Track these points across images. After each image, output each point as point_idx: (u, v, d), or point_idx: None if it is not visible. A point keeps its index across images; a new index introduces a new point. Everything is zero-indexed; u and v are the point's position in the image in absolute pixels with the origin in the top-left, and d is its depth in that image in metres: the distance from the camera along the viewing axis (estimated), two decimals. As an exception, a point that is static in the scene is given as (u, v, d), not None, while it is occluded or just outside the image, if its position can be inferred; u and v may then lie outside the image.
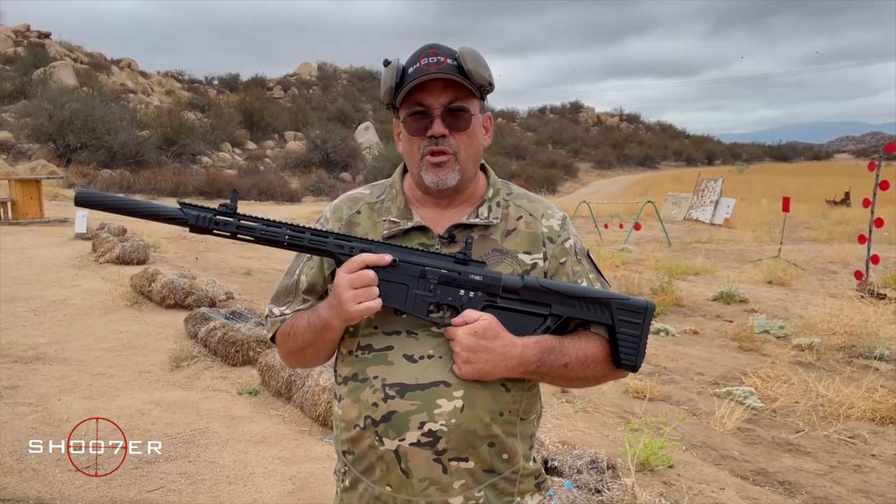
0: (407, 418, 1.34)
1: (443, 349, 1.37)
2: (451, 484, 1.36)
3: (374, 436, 1.37)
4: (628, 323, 1.40)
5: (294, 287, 1.52)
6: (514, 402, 1.41)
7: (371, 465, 1.40)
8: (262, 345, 5.49)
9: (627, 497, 3.23)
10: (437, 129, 1.37)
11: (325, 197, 28.55)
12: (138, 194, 24.10)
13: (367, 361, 1.40)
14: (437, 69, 1.35)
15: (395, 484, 1.37)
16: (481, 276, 1.36)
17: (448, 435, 1.34)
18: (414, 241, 1.44)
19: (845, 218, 20.50)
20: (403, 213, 1.47)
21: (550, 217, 1.50)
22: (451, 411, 1.34)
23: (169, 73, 58.68)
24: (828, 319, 7.15)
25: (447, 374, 1.35)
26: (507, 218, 1.48)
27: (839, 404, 5.02)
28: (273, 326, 1.53)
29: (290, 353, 1.52)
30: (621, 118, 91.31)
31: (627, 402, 5.12)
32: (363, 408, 1.38)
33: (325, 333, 1.39)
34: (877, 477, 4.03)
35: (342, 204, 1.55)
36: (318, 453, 3.95)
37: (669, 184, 36.47)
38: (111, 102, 32.28)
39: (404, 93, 1.37)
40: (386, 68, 1.40)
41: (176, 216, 1.32)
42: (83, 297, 7.79)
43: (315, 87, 65.21)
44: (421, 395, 1.34)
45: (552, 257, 1.46)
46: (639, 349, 1.41)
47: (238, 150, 39.89)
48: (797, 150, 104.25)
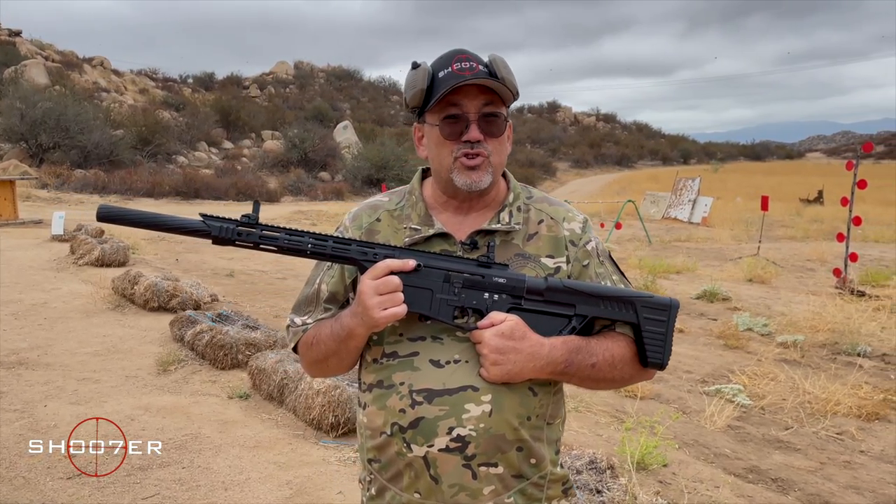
0: (435, 424, 1.33)
1: (469, 353, 1.36)
2: (481, 490, 1.35)
3: (401, 442, 1.36)
4: (654, 321, 1.40)
5: (315, 296, 1.50)
6: (542, 405, 1.41)
7: (399, 473, 1.39)
8: (252, 348, 5.43)
9: (628, 497, 3.24)
10: (474, 135, 1.37)
11: (304, 196, 28.34)
12: (113, 195, 23.73)
13: (392, 368, 1.39)
14: (472, 75, 1.34)
15: (425, 491, 1.36)
16: (505, 278, 1.37)
17: (477, 440, 1.33)
18: (436, 247, 1.43)
19: (819, 216, 20.83)
20: (424, 219, 1.46)
21: (572, 220, 1.50)
22: (480, 416, 1.33)
23: (142, 71, 57.92)
24: (811, 317, 7.26)
25: (475, 379, 1.34)
26: (528, 222, 1.47)
27: (826, 401, 5.09)
28: (295, 336, 1.52)
29: (313, 363, 1.50)
30: (598, 118, 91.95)
31: (619, 400, 5.15)
32: (390, 415, 1.37)
33: (350, 342, 1.38)
34: (867, 473, 4.09)
35: (362, 212, 1.54)
36: (313, 457, 3.91)
37: (646, 183, 36.77)
38: (84, 101, 31.73)
39: (441, 95, 1.35)
40: (415, 71, 1.39)
41: (199, 228, 1.32)
42: (64, 300, 7.65)
43: (292, 85, 64.80)
44: (449, 400, 1.33)
45: (575, 260, 1.46)
46: (665, 347, 1.41)
47: (214, 149, 39.46)
48: (770, 150, 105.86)
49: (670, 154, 77.62)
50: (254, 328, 5.94)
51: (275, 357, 4.92)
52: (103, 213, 1.31)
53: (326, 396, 4.24)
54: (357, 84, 71.00)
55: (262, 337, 5.59)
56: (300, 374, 4.59)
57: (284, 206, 24.45)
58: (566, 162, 60.84)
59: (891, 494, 3.82)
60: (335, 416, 4.17)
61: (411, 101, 1.41)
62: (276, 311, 7.72)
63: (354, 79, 72.39)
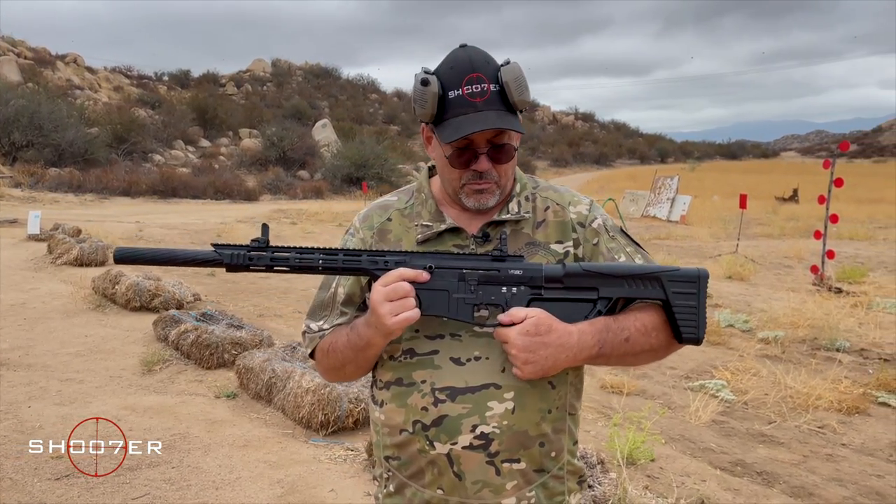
0: (459, 422, 1.34)
1: (489, 350, 1.36)
2: (504, 485, 1.36)
3: (424, 440, 1.36)
4: (683, 294, 1.33)
5: (331, 300, 1.49)
6: (560, 397, 1.41)
7: (420, 470, 1.39)
8: (238, 347, 5.41)
9: (619, 491, 3.28)
10: (482, 167, 1.36)
11: (283, 195, 28.16)
12: (89, 194, 23.43)
13: (411, 366, 1.39)
14: (483, 102, 1.32)
15: (448, 487, 1.37)
16: (521, 269, 1.33)
17: (500, 437, 1.34)
18: (448, 242, 1.43)
19: (795, 214, 21.13)
20: (435, 216, 1.46)
21: (578, 203, 1.49)
22: (503, 413, 1.34)
23: (117, 68, 57.14)
24: (790, 313, 7.37)
25: (496, 376, 1.35)
26: (535, 210, 1.47)
27: (807, 396, 5.18)
28: (312, 342, 1.50)
29: (330, 369, 1.49)
30: (577, 117, 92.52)
31: (605, 397, 5.20)
32: (411, 412, 1.38)
33: (367, 351, 1.38)
34: (849, 465, 4.18)
35: (372, 213, 1.53)
36: (304, 456, 3.90)
37: (624, 181, 37.09)
38: (58, 99, 31.24)
39: (453, 140, 1.32)
40: (424, 88, 1.34)
41: (211, 258, 1.33)
42: (43, 300, 7.55)
43: (269, 83, 64.39)
44: (472, 398, 1.34)
45: (585, 241, 1.45)
46: (699, 320, 1.34)
47: (191, 147, 39.10)
48: (746, 149, 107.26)
49: (648, 153, 78.36)
50: (239, 327, 5.90)
51: (262, 356, 4.90)
52: (121, 255, 1.33)
53: (316, 395, 4.23)
54: (335, 82, 70.69)
55: (248, 336, 5.56)
56: (288, 372, 4.58)
57: (263, 205, 24.29)
58: (545, 161, 61.14)
59: (872, 486, 3.90)
60: (325, 414, 4.16)
61: (420, 117, 1.39)
62: (259, 310, 7.68)
63: (333, 77, 72.05)
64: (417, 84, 1.35)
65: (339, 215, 19.70)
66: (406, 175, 32.96)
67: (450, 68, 1.35)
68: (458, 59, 1.35)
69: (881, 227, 17.91)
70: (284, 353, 5.06)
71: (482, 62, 1.34)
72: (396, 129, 55.58)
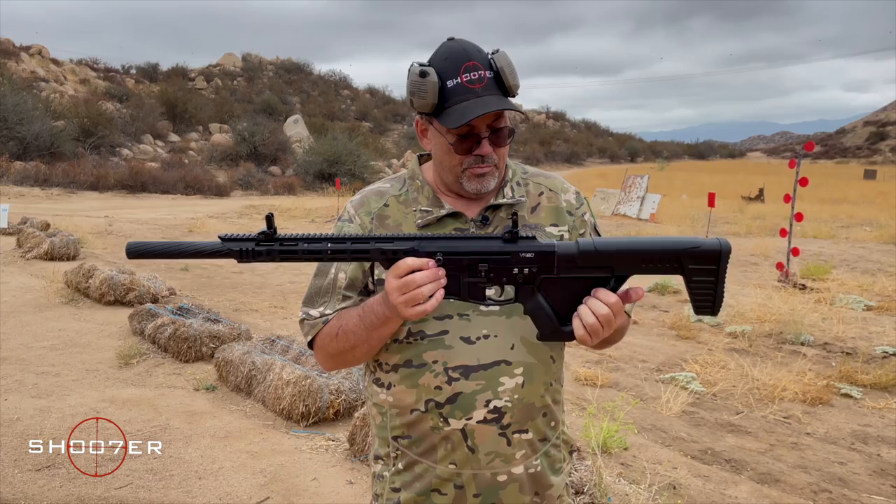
0: (473, 398, 1.40)
1: (497, 328, 1.41)
2: (514, 455, 1.44)
3: (437, 417, 1.42)
4: (703, 271, 1.26)
5: (331, 286, 1.49)
6: (557, 369, 1.51)
7: (433, 446, 1.45)
8: (216, 340, 5.42)
9: (595, 478, 3.38)
10: (485, 151, 1.41)
11: (254, 191, 27.96)
12: (56, 188, 23.04)
13: (421, 347, 1.42)
14: (482, 88, 1.37)
15: (461, 461, 1.44)
16: (533, 251, 1.29)
17: (512, 410, 1.42)
18: (448, 227, 1.47)
19: (761, 213, 21.57)
20: (433, 202, 1.49)
21: (567, 191, 1.57)
22: (514, 387, 1.42)
23: (83, 61, 56.04)
24: (757, 309, 7.58)
25: (506, 353, 1.41)
26: (529, 195, 1.53)
27: (773, 387, 5.35)
28: (314, 329, 1.49)
29: (337, 353, 1.46)
30: (548, 115, 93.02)
31: (579, 389, 5.31)
32: (424, 392, 1.43)
33: (384, 329, 1.37)
34: (813, 453, 4.34)
35: (368, 198, 1.54)
36: (285, 446, 3.95)
37: (595, 180, 37.46)
38: (22, 91, 30.61)
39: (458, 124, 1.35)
40: (423, 80, 1.37)
41: (221, 250, 1.30)
42: (13, 294, 7.45)
43: (240, 78, 63.63)
44: (484, 374, 1.40)
45: (573, 228, 1.53)
46: (716, 295, 1.27)
47: (160, 142, 38.57)
48: (713, 149, 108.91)
49: (618, 152, 79.17)
50: (216, 321, 5.91)
51: (242, 349, 4.93)
52: (133, 249, 1.30)
53: (297, 386, 4.27)
54: (307, 78, 70.14)
55: (226, 329, 5.57)
56: (268, 364, 4.61)
57: (235, 201, 24.10)
58: (517, 159, 61.06)
59: (835, 472, 4.07)
60: (305, 405, 4.21)
61: (420, 108, 1.41)
62: (234, 304, 7.67)
63: (304, 72, 71.46)
64: (415, 76, 1.37)
65: (311, 211, 19.65)
66: (378, 172, 32.90)
67: (444, 59, 1.38)
68: (452, 50, 1.39)
69: (844, 226, 18.40)
70: (263, 345, 5.10)
71: (475, 51, 1.39)
72: (369, 126, 55.39)
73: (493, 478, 1.44)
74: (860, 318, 7.65)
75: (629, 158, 76.79)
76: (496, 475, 1.44)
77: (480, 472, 1.44)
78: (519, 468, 1.46)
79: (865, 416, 4.95)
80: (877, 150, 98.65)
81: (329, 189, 26.91)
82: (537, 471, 1.48)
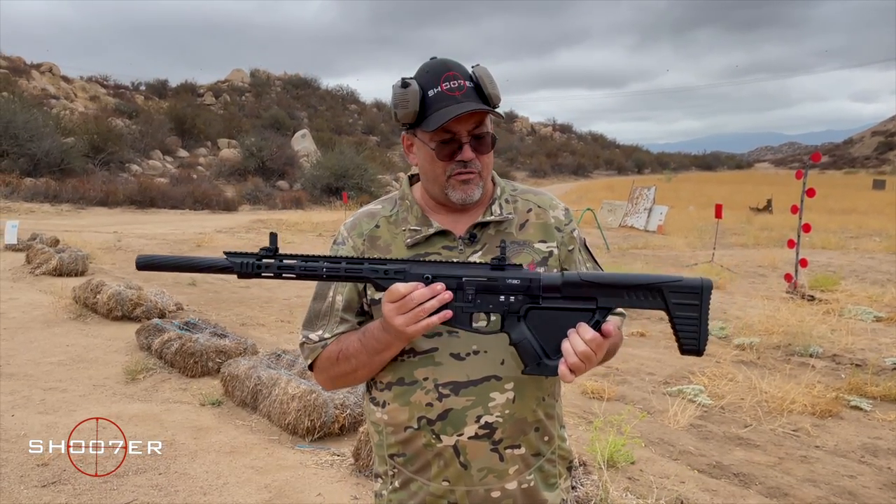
0: (464, 414, 1.41)
1: (487, 344, 1.42)
2: (507, 470, 1.44)
3: (429, 434, 1.43)
4: (685, 306, 1.28)
5: (329, 309, 1.51)
6: (551, 384, 1.51)
7: (427, 463, 1.46)
8: (222, 355, 5.43)
9: (601, 492, 3.36)
10: (467, 155, 1.44)
11: (262, 205, 28.07)
12: (65, 204, 23.20)
13: (412, 364, 1.44)
14: (462, 95, 1.40)
15: (454, 478, 1.44)
16: (519, 279, 1.33)
17: (503, 425, 1.42)
18: (437, 245, 1.49)
19: (769, 224, 21.50)
20: (422, 220, 1.51)
21: (556, 207, 1.59)
22: (505, 403, 1.42)
23: (93, 77, 56.59)
24: (765, 320, 7.54)
25: (496, 368, 1.42)
26: (517, 212, 1.55)
27: (781, 400, 5.31)
28: (313, 353, 1.52)
29: (337, 377, 1.50)
30: (555, 128, 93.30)
31: (586, 402, 5.29)
32: (416, 409, 1.44)
33: (385, 353, 1.41)
34: (822, 467, 4.30)
35: (360, 220, 1.57)
36: (290, 461, 3.94)
37: (602, 192, 37.45)
38: (33, 108, 30.89)
39: (437, 126, 1.39)
40: (404, 90, 1.41)
41: (224, 265, 1.34)
42: (22, 310, 7.49)
43: (248, 93, 64.14)
44: (475, 390, 1.41)
45: (562, 245, 1.54)
46: (700, 332, 1.29)
47: (169, 157, 38.81)
48: (720, 160, 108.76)
49: (625, 164, 79.21)
50: (222, 336, 5.92)
51: (247, 363, 4.93)
52: (143, 262, 1.33)
53: (302, 401, 4.27)
54: (314, 92, 70.60)
55: (232, 344, 5.59)
56: (274, 379, 4.62)
57: (243, 215, 24.21)
58: (524, 171, 61.50)
59: (845, 486, 4.03)
60: (311, 420, 4.21)
61: (403, 119, 1.45)
62: (241, 319, 7.69)
63: (312, 87, 71.94)
64: (397, 88, 1.42)
65: (318, 225, 19.70)
66: (385, 185, 33.00)
67: (426, 72, 1.44)
68: (433, 64, 1.46)
69: (852, 236, 18.30)
70: (269, 360, 5.10)
71: (455, 64, 1.45)
72: (376, 140, 55.65)
73: (486, 494, 1.44)
74: (869, 330, 7.60)
75: (636, 170, 76.79)
76: (489, 491, 1.44)
77: (474, 488, 1.44)
78: (512, 484, 1.46)
79: (875, 429, 4.91)
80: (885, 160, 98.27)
81: (336, 203, 27.01)
82: (531, 486, 1.48)
